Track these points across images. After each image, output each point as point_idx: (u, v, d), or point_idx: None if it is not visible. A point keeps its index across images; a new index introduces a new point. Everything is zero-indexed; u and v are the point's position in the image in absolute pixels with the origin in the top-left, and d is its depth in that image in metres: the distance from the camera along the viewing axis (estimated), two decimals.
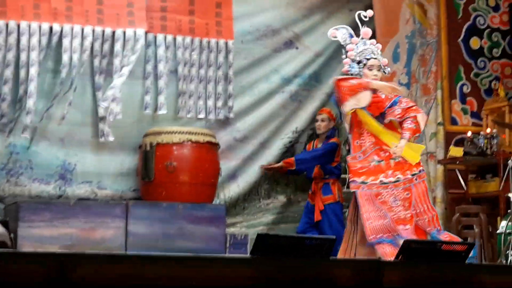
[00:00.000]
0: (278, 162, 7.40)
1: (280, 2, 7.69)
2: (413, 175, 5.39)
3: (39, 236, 5.79)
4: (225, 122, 7.38)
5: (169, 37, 7.13)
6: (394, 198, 5.33)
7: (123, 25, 6.91)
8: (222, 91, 7.32)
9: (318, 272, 3.78)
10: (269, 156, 7.53)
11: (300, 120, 7.67)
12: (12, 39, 6.56)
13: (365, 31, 5.73)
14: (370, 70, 5.56)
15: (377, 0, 7.05)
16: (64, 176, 6.75)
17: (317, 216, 7.11)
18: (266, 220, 7.50)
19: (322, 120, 7.29)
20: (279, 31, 7.64)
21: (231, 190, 7.35)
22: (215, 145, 6.83)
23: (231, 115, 7.33)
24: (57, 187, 6.73)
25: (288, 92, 7.66)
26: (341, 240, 5.52)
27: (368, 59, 5.59)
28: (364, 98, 5.32)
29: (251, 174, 7.45)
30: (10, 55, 6.57)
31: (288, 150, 7.64)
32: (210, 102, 7.28)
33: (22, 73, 6.55)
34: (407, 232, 5.21)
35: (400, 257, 3.89)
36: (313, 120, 7.54)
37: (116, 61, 6.83)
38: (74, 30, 6.73)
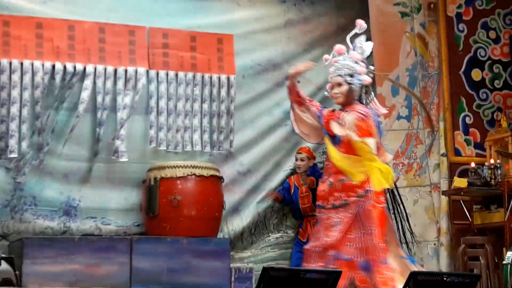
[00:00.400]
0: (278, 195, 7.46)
1: (280, 37, 7.75)
2: (358, 196, 5.12)
3: (44, 273, 5.76)
4: (228, 156, 7.40)
5: (171, 73, 7.19)
6: (337, 221, 5.12)
7: (125, 63, 6.98)
8: (225, 125, 7.36)
9: None
10: (271, 189, 7.54)
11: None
12: (16, 77, 6.62)
13: (337, 48, 5.62)
14: (331, 89, 5.53)
15: (376, 33, 7.10)
16: (69, 212, 6.75)
17: None
18: (274, 255, 7.48)
19: (302, 160, 7.30)
20: (280, 65, 7.69)
21: (234, 224, 7.34)
22: (219, 179, 6.83)
23: (232, 149, 7.35)
24: (62, 223, 6.72)
25: (290, 126, 7.66)
26: None
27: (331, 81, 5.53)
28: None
29: (254, 207, 7.45)
30: (15, 93, 6.62)
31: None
32: (213, 136, 7.31)
33: (25, 111, 6.60)
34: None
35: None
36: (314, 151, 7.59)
37: (119, 99, 6.90)
38: (77, 68, 6.80)
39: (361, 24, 5.60)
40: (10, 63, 6.62)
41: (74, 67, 6.78)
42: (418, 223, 7.29)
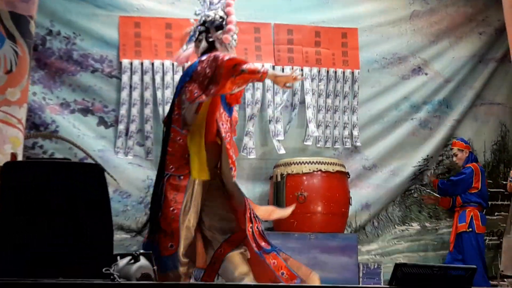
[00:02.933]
0: (408, 190, 7.38)
1: (405, 29, 7.63)
2: None
3: None
4: (353, 151, 7.37)
5: (296, 69, 7.22)
6: None
7: (251, 60, 7.05)
8: (348, 120, 7.32)
9: None
10: (400, 184, 7.46)
11: (431, 147, 7.56)
12: (148, 78, 6.84)
13: None
14: None
15: (510, 22, 6.84)
16: None
17: (452, 245, 7.01)
18: (401, 248, 7.41)
19: (455, 155, 7.22)
20: (406, 58, 7.59)
21: (362, 219, 7.30)
22: (345, 174, 6.80)
23: (358, 143, 7.31)
24: None
25: (417, 119, 7.56)
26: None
27: None
28: None
29: (382, 202, 7.39)
30: (148, 94, 6.84)
31: (417, 178, 7.56)
32: (338, 132, 7.29)
33: (160, 110, 6.82)
34: None
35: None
36: (445, 147, 7.42)
37: (248, 95, 7.01)
38: None
39: None
40: (142, 64, 6.85)
41: None
42: None
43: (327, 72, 7.32)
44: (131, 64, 6.83)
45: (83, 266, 3.54)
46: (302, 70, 7.20)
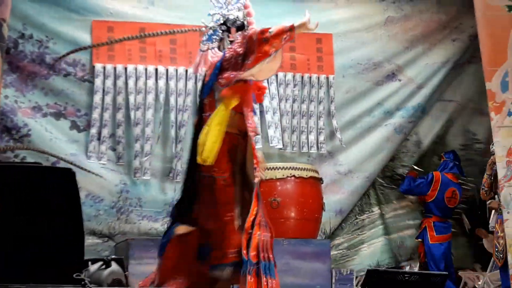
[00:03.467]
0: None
1: (380, 35, 7.67)
2: None
3: (149, 273, 5.87)
4: (327, 156, 7.38)
5: None
6: None
7: None
8: (323, 126, 7.33)
9: None
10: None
11: (407, 154, 7.60)
12: (121, 82, 6.80)
13: None
14: None
15: (482, 29, 6.88)
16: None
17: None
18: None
19: None
20: (380, 64, 7.63)
21: (336, 225, 7.34)
22: (319, 180, 6.80)
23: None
24: (165, 224, 6.84)
25: (392, 125, 7.60)
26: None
27: None
28: None
29: (358, 208, 7.46)
30: (120, 98, 6.81)
31: (395, 184, 7.62)
32: (312, 137, 7.30)
33: (132, 115, 6.79)
34: None
35: None
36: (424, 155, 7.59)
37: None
38: (179, 72, 6.94)
39: None
40: (115, 68, 6.82)
41: (176, 71, 6.93)
42: None
43: (302, 77, 7.33)
44: (104, 68, 6.79)
45: (54, 271, 3.50)
46: (276, 76, 7.21)
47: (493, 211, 7.19)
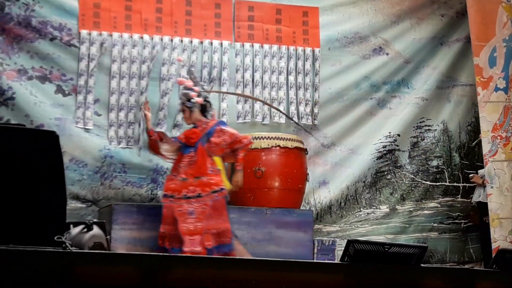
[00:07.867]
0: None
1: (367, 9, 7.66)
2: (213, 192, 5.59)
3: (132, 238, 5.91)
4: (312, 128, 7.39)
5: (256, 46, 7.22)
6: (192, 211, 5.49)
7: (210, 36, 7.05)
8: (310, 98, 7.35)
9: (408, 280, 3.74)
10: (362, 161, 7.53)
11: (394, 126, 7.63)
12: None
13: (178, 80, 6.10)
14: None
15: (471, 4, 6.89)
16: (156, 180, 6.89)
17: None
18: (364, 231, 7.49)
19: None
20: (367, 38, 7.62)
21: (321, 196, 7.36)
22: (303, 151, 6.83)
23: (316, 121, 7.35)
24: (149, 190, 6.88)
25: (376, 99, 7.61)
26: None
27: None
28: None
29: (342, 179, 7.45)
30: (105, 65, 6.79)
31: (383, 156, 7.60)
32: (299, 109, 7.31)
33: (114, 83, 6.78)
34: (192, 242, 5.38)
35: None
36: (409, 127, 7.56)
37: (204, 72, 7.01)
38: (164, 41, 6.93)
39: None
40: (100, 35, 6.78)
41: (161, 39, 6.91)
42: None
43: (288, 49, 7.33)
44: (90, 35, 6.76)
45: (35, 233, 3.51)
46: (262, 47, 7.20)
47: (476, 186, 7.26)
